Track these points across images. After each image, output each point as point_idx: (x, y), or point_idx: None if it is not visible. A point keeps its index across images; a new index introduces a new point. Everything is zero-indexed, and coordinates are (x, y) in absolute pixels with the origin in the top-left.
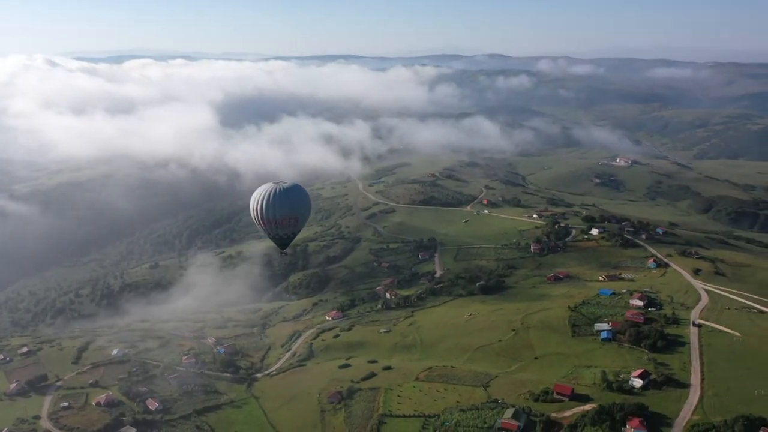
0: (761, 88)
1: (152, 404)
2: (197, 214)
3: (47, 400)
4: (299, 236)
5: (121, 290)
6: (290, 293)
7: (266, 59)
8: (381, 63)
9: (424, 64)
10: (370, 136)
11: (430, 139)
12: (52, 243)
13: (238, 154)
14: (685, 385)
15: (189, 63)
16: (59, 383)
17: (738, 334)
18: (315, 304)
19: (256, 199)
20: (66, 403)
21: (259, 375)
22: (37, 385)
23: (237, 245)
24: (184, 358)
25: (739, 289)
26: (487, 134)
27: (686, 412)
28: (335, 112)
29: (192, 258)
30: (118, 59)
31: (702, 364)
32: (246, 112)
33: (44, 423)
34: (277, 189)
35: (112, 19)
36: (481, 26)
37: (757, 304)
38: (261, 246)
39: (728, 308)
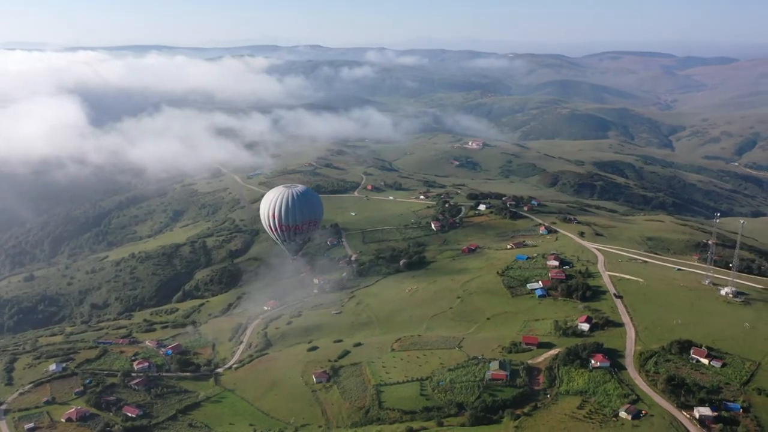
0: (556, 76)
1: (132, 411)
2: (54, 220)
3: (2, 426)
4: (191, 233)
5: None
6: (202, 290)
7: (73, 49)
8: (199, 53)
9: (252, 55)
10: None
11: (294, 131)
12: None
13: (109, 150)
14: (620, 324)
15: None
16: (4, 407)
17: (641, 279)
18: (240, 297)
19: (271, 206)
20: (31, 425)
21: (220, 370)
22: None
23: (119, 248)
24: (135, 363)
25: (618, 245)
26: (350, 123)
27: (630, 345)
28: (182, 104)
29: (73, 265)
30: None
31: (625, 306)
32: (100, 106)
33: None
34: (294, 194)
35: None
36: (291, 16)
37: (637, 256)
38: (152, 246)
39: (621, 261)
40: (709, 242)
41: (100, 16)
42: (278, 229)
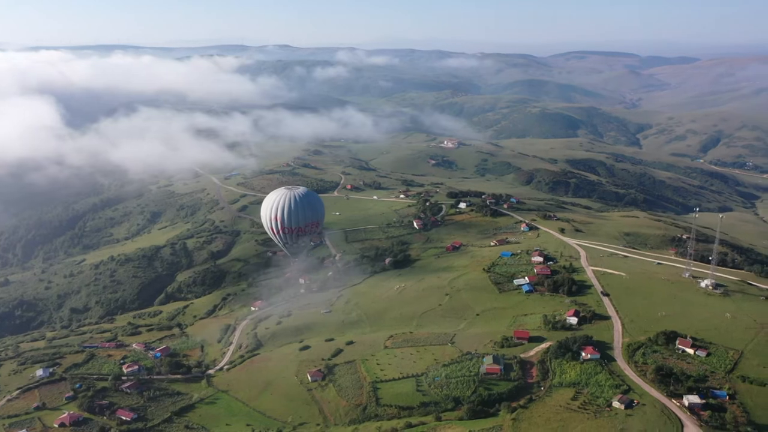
0: (524, 76)
1: (126, 415)
2: (25, 224)
3: None
4: (171, 235)
5: None
6: (185, 292)
7: (35, 49)
8: (166, 53)
9: (221, 54)
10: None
11: (273, 131)
12: None
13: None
14: (607, 318)
15: None
16: None
17: (624, 274)
18: (225, 298)
19: (273, 208)
20: (23, 431)
21: (211, 371)
22: None
23: (96, 251)
24: (124, 367)
25: (597, 241)
26: (327, 123)
27: (618, 337)
28: (155, 104)
29: (50, 269)
30: None
31: (611, 300)
32: (70, 107)
33: None
34: (295, 196)
35: None
36: (258, 16)
37: (616, 251)
38: (130, 248)
39: (602, 256)
40: (685, 237)
41: (61, 15)
42: (281, 232)
